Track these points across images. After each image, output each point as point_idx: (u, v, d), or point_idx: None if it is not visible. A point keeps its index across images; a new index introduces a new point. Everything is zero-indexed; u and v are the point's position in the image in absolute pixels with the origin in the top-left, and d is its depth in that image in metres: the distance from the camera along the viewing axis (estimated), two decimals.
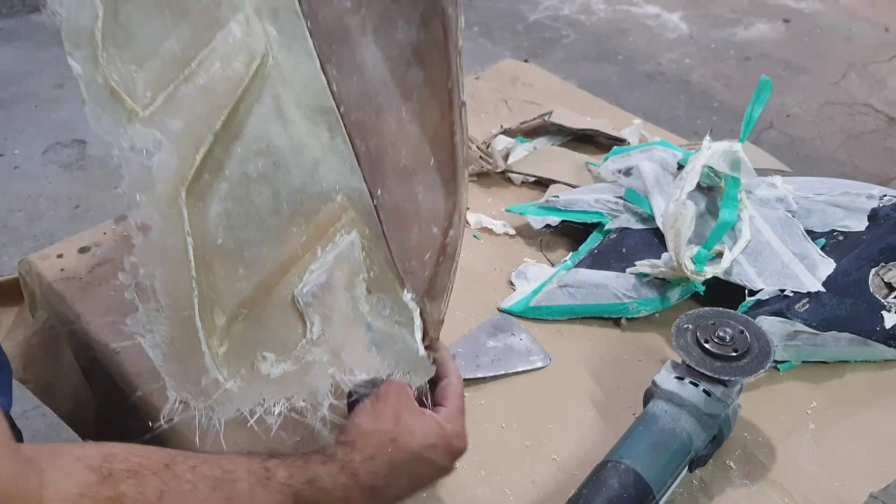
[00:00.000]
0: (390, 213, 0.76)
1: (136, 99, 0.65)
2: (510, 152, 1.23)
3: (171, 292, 0.65)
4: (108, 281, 1.03)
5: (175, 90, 0.67)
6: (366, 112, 0.78)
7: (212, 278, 0.66)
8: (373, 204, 0.75)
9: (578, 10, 3.73)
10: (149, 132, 0.65)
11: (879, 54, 3.31)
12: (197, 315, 0.65)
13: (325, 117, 0.72)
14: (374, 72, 0.79)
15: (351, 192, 0.73)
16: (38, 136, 2.85)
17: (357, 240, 0.72)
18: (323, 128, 0.72)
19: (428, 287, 0.77)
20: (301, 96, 0.72)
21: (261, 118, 0.69)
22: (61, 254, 1.07)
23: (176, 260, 0.64)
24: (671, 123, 2.82)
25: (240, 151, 0.68)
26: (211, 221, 0.67)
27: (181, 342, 0.65)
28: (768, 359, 0.76)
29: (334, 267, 0.71)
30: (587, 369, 0.91)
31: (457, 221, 0.79)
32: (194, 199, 0.66)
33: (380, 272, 0.73)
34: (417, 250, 0.77)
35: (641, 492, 0.70)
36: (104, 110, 0.65)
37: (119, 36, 0.65)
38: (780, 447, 0.82)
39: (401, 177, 0.79)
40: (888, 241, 0.95)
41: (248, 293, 0.68)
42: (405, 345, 0.73)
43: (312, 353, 0.69)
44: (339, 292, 0.71)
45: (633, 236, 1.02)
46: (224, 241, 0.67)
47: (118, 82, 0.65)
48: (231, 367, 0.67)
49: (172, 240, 0.64)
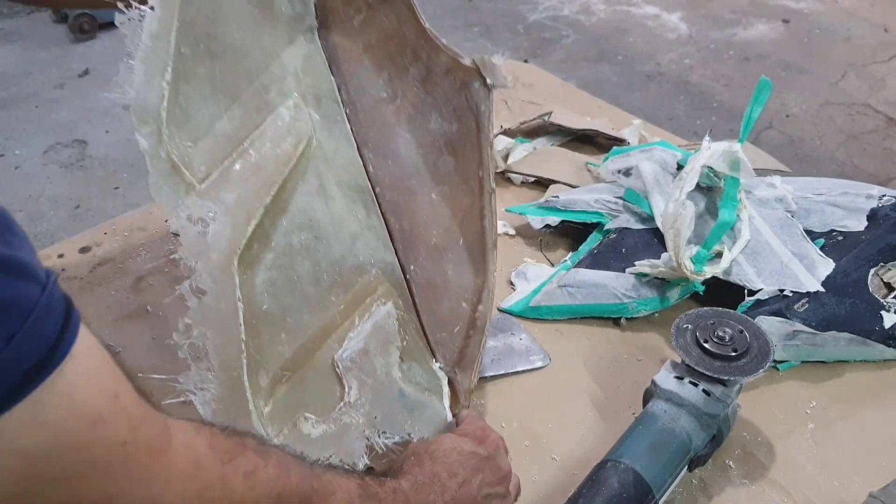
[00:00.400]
0: (422, 287, 0.82)
1: (193, 173, 0.70)
2: (510, 152, 1.23)
3: (222, 353, 0.68)
4: (109, 281, 1.03)
5: (229, 166, 0.72)
6: (400, 193, 0.84)
7: (257, 341, 0.70)
8: (405, 278, 0.81)
9: (578, 10, 3.73)
10: (204, 204, 0.69)
11: (879, 54, 3.31)
12: (245, 376, 0.68)
13: (361, 196, 0.79)
14: (407, 157, 0.86)
15: (384, 266, 0.79)
16: (38, 136, 2.85)
17: (392, 310, 0.78)
18: (360, 205, 0.79)
19: (458, 358, 0.81)
20: (341, 176, 0.78)
21: (305, 194, 0.75)
22: (62, 254, 1.07)
23: (228, 323, 0.68)
24: (671, 124, 2.82)
25: (285, 224, 0.74)
26: (257, 288, 0.71)
27: (230, 401, 0.68)
28: (767, 359, 0.76)
29: (371, 335, 0.76)
30: (587, 369, 0.91)
31: (486, 297, 0.84)
32: (244, 268, 0.70)
33: (412, 341, 0.79)
34: (448, 323, 0.82)
35: (641, 491, 0.70)
36: (164, 182, 0.69)
37: (178, 115, 0.70)
38: (779, 447, 0.82)
39: (432, 254, 0.84)
40: (887, 241, 0.95)
41: (290, 356, 0.73)
42: (434, 410, 0.77)
43: (350, 416, 0.73)
44: (375, 359, 0.75)
45: (632, 236, 1.02)
46: (268, 307, 0.72)
47: (178, 157, 0.69)
48: (275, 426, 0.70)
49: (225, 305, 0.68)
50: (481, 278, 0.85)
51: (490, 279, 0.84)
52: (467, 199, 0.86)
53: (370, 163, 0.84)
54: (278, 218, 0.73)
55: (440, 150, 0.87)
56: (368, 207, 0.79)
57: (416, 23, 0.84)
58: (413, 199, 0.86)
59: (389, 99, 0.87)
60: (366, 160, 0.84)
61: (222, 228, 0.69)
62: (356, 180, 0.78)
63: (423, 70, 0.86)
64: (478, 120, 0.85)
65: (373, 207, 0.79)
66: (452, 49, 0.85)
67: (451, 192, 0.87)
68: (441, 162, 0.87)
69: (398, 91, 0.87)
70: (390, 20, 0.85)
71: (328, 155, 0.77)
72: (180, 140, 0.70)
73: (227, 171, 0.72)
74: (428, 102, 0.87)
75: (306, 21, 0.78)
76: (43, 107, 3.01)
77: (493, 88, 0.84)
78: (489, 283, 0.84)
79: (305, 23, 0.78)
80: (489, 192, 0.85)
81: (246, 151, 0.73)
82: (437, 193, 0.87)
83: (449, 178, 0.87)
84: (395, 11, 0.84)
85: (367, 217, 0.79)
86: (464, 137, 0.86)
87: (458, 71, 0.85)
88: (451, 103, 0.86)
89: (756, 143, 1.38)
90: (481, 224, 0.85)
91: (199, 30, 0.70)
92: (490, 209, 0.85)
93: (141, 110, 0.68)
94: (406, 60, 0.86)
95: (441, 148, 0.87)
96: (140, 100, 0.68)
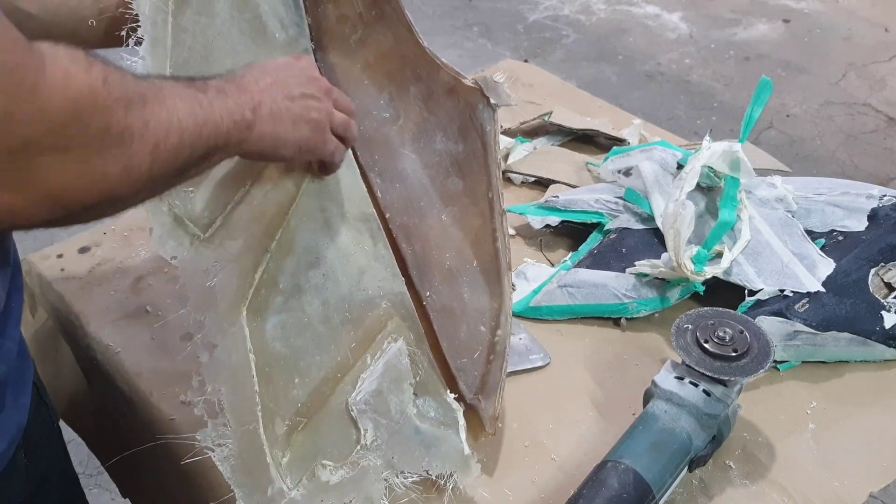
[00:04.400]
0: (440, 314, 0.81)
1: (196, 221, 0.69)
2: (510, 152, 1.23)
3: (237, 407, 0.68)
4: (108, 281, 1.03)
5: (231, 212, 0.71)
6: (410, 216, 0.84)
7: (271, 388, 0.70)
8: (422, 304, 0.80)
9: (578, 10, 3.73)
10: (210, 254, 0.69)
11: (879, 54, 3.31)
12: (261, 427, 0.68)
13: (367, 225, 0.77)
14: (414, 178, 0.86)
15: (394, 298, 0.77)
16: None
17: (403, 347, 0.76)
18: (366, 235, 0.77)
19: (481, 385, 0.80)
20: (345, 206, 0.76)
21: (310, 232, 0.74)
22: (61, 254, 1.07)
23: (240, 377, 0.68)
24: (671, 123, 2.82)
25: (292, 265, 0.73)
26: (268, 333, 0.71)
27: (248, 454, 0.68)
28: (768, 359, 0.76)
29: (384, 375, 0.75)
30: (587, 369, 0.91)
31: (504, 322, 0.83)
32: (253, 315, 0.70)
33: (425, 375, 0.78)
34: (467, 348, 0.82)
35: (641, 491, 0.70)
36: (169, 236, 0.69)
37: None
38: (779, 447, 0.82)
39: (447, 278, 0.84)
40: (888, 241, 0.95)
41: (305, 400, 0.72)
42: (451, 445, 0.76)
43: (367, 459, 0.73)
44: (389, 398, 0.75)
45: (632, 236, 1.02)
46: (280, 351, 0.71)
47: (179, 207, 0.69)
48: (294, 476, 0.70)
49: (237, 357, 0.68)
50: (497, 301, 0.84)
51: (507, 302, 0.84)
52: (478, 220, 0.86)
53: (378, 188, 0.83)
54: (284, 260, 0.72)
55: (447, 171, 0.87)
56: (375, 236, 0.77)
57: (413, 41, 0.83)
58: (423, 222, 0.85)
59: (392, 119, 0.86)
60: (373, 185, 0.82)
61: (229, 278, 0.69)
62: (360, 209, 0.77)
63: (424, 89, 0.86)
64: (483, 140, 0.85)
65: (379, 236, 0.78)
66: (453, 68, 0.85)
67: (461, 213, 0.86)
68: (449, 183, 0.86)
69: (400, 111, 0.86)
70: (387, 38, 0.84)
71: (330, 186, 0.75)
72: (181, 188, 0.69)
73: (230, 216, 0.71)
74: (431, 122, 0.86)
75: (301, 44, 0.75)
76: None
77: (496, 108, 0.84)
78: (506, 306, 0.84)
79: (301, 45, 0.75)
80: (500, 214, 0.85)
81: (248, 193, 0.71)
82: (448, 215, 0.86)
83: (458, 200, 0.86)
84: (391, 29, 0.83)
85: (373, 247, 0.77)
86: (470, 158, 0.86)
87: (460, 91, 0.85)
88: (454, 122, 0.86)
89: (756, 143, 1.38)
90: (494, 246, 0.85)
91: (193, 69, 0.68)
92: (502, 231, 0.85)
93: None
94: (406, 79, 0.86)
95: (448, 168, 0.87)
96: None
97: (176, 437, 0.77)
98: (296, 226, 0.73)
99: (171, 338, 0.94)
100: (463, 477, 0.76)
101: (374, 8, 0.83)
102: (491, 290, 0.84)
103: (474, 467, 0.76)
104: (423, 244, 0.84)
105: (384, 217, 0.82)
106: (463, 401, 0.79)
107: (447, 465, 0.76)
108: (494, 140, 0.85)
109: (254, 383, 0.68)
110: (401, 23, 0.82)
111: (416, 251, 0.83)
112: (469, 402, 0.79)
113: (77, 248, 1.08)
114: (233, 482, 0.68)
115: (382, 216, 0.82)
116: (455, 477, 0.76)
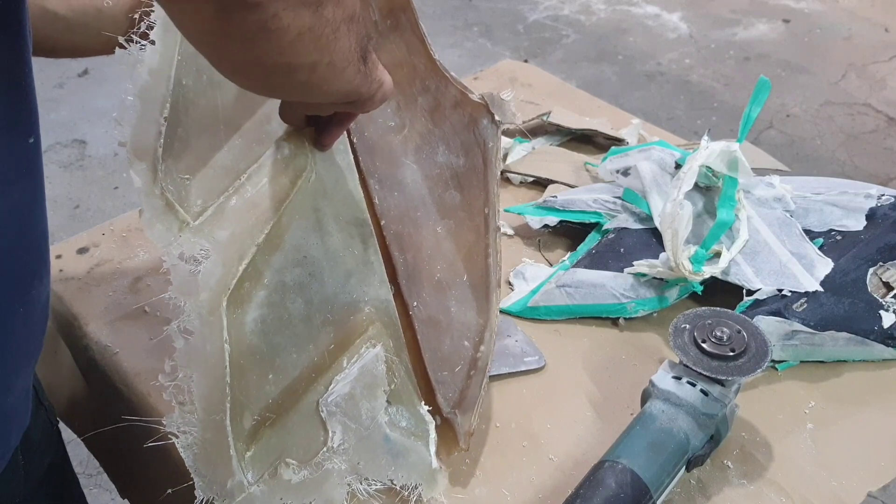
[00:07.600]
0: (425, 324, 0.81)
1: (188, 209, 0.69)
2: (508, 152, 1.23)
3: (206, 396, 0.68)
4: (107, 281, 1.03)
5: (225, 201, 0.71)
6: (405, 225, 0.83)
7: (243, 382, 0.70)
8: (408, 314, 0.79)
9: (578, 10, 3.73)
10: (197, 241, 0.68)
11: (879, 54, 3.31)
12: (228, 419, 0.68)
13: (360, 230, 0.77)
14: (413, 188, 0.85)
15: (378, 303, 0.77)
16: None
17: (381, 353, 0.76)
18: (357, 240, 0.77)
19: (459, 399, 0.80)
20: (339, 209, 0.76)
21: (301, 230, 0.73)
22: (60, 254, 1.07)
23: (213, 366, 0.68)
24: (671, 123, 2.83)
25: (279, 261, 0.72)
26: (247, 326, 0.70)
27: (211, 444, 0.68)
28: (766, 358, 0.76)
29: (358, 379, 0.74)
30: (585, 369, 0.91)
31: (488, 338, 0.83)
32: (234, 307, 0.69)
33: (401, 384, 0.77)
34: (449, 362, 0.81)
35: (639, 491, 0.70)
36: (158, 220, 0.68)
37: (177, 147, 0.69)
38: (777, 447, 0.82)
39: (436, 290, 0.83)
40: (886, 240, 0.95)
41: (276, 397, 0.72)
42: (419, 456, 0.76)
43: (332, 461, 0.72)
44: (360, 403, 0.74)
45: (630, 236, 1.02)
46: (257, 346, 0.71)
47: (173, 193, 0.69)
48: (256, 471, 0.70)
49: (211, 346, 0.68)
50: (484, 318, 0.84)
51: (493, 319, 0.83)
52: (472, 235, 0.85)
53: (376, 194, 0.82)
54: (272, 255, 0.72)
55: (446, 184, 0.87)
56: (366, 242, 0.77)
57: (425, 53, 0.83)
58: (418, 232, 0.85)
59: (398, 128, 0.85)
60: (372, 191, 0.82)
61: (213, 267, 0.68)
62: (354, 213, 0.77)
63: (431, 101, 0.86)
64: (485, 156, 0.85)
65: (371, 242, 0.77)
66: (461, 83, 0.85)
67: (456, 227, 0.86)
68: (447, 196, 0.86)
69: (406, 121, 0.86)
70: (400, 48, 0.84)
71: (327, 187, 0.75)
72: (177, 173, 0.69)
73: (222, 206, 0.70)
74: (436, 134, 0.86)
75: None
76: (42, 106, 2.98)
77: (500, 125, 0.84)
78: (492, 323, 0.83)
79: None
80: (494, 230, 0.84)
81: (242, 186, 0.71)
82: (443, 228, 0.86)
83: (454, 213, 0.86)
84: (404, 40, 0.83)
85: (364, 252, 0.77)
86: (470, 173, 0.86)
87: (466, 105, 0.85)
88: (458, 137, 0.86)
89: (756, 143, 1.38)
90: (485, 262, 0.85)
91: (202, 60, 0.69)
92: (494, 248, 0.84)
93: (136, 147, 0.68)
94: (415, 90, 0.86)
95: (447, 181, 0.87)
96: (136, 136, 0.67)
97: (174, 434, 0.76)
98: (287, 222, 0.72)
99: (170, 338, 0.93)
100: (428, 490, 0.75)
101: (389, 17, 0.83)
102: (478, 306, 0.84)
103: (440, 482, 0.76)
104: (415, 254, 0.84)
105: (379, 224, 0.82)
106: (440, 414, 0.78)
107: (413, 476, 0.75)
108: (496, 156, 0.85)
109: (226, 374, 0.67)
110: (415, 34, 0.83)
111: (407, 260, 0.83)
112: (446, 415, 0.78)
113: (75, 248, 1.08)
114: (193, 470, 0.68)
115: (377, 223, 0.82)
116: (420, 490, 0.75)
